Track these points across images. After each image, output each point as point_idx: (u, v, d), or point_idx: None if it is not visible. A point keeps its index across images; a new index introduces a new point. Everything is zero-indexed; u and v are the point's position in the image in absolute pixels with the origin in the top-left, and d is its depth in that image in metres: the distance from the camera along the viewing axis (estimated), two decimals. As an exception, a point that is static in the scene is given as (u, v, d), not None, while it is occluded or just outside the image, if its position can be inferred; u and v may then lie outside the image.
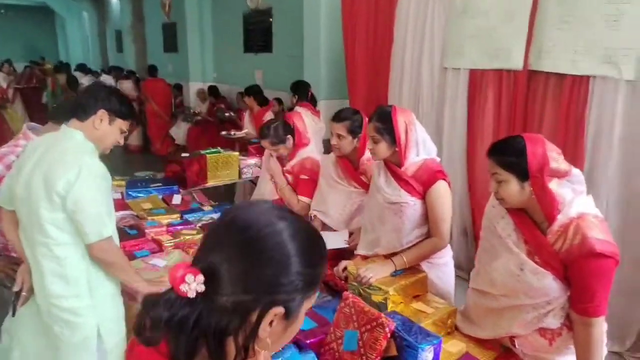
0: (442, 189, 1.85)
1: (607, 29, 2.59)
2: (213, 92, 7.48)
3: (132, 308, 1.89)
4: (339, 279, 1.97)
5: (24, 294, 1.73)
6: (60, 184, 1.53)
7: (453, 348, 1.61)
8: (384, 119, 1.86)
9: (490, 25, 3.24)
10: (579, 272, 1.41)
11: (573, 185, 1.47)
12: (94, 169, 1.60)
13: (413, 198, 1.87)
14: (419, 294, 1.83)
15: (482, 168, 3.44)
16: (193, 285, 0.67)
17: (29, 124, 2.22)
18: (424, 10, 3.76)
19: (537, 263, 1.46)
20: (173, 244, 2.38)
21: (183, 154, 3.82)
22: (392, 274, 1.82)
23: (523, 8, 3.00)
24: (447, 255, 2.01)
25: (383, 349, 1.41)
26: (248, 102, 5.50)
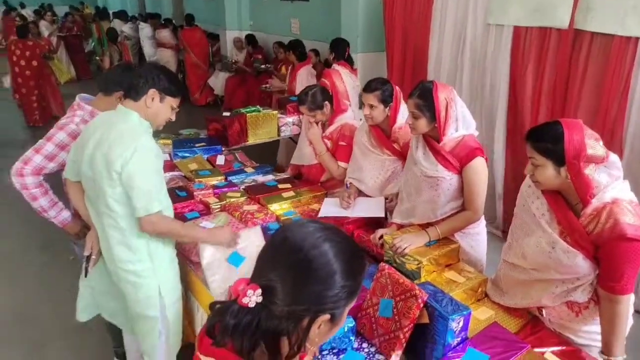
0: (479, 166, 1.90)
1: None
2: (250, 41, 7.44)
3: (185, 268, 2.10)
4: (375, 246, 2.09)
5: (94, 257, 1.96)
6: (117, 163, 1.66)
7: (482, 315, 1.73)
8: (425, 96, 1.89)
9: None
10: (609, 253, 1.46)
11: (609, 170, 1.49)
12: (148, 148, 1.72)
13: (450, 173, 1.93)
14: (451, 263, 1.94)
15: (522, 126, 3.40)
16: (253, 298, 0.82)
17: (81, 95, 2.33)
18: (469, -39, 3.59)
19: (568, 243, 1.52)
20: (220, 207, 2.55)
21: (224, 113, 3.93)
22: (426, 244, 1.92)
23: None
24: (480, 225, 2.09)
25: (416, 318, 1.54)
26: (288, 56, 5.42)
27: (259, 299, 0.82)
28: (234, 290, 0.85)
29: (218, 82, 7.93)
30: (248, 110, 3.90)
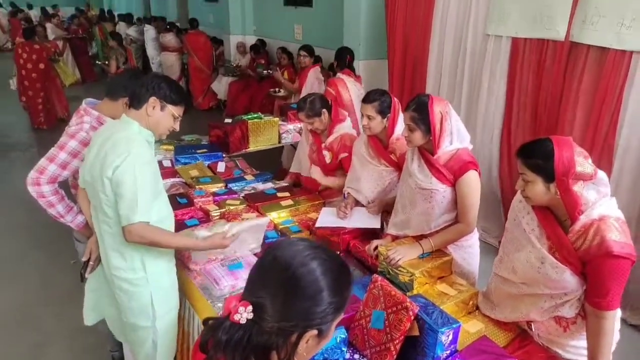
0: (472, 179, 1.93)
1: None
2: (253, 47, 7.50)
3: (182, 275, 2.13)
4: (370, 256, 2.13)
5: (91, 263, 2.00)
6: (109, 170, 1.68)
7: (472, 328, 1.77)
8: (421, 109, 1.93)
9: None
10: (596, 270, 1.49)
11: (598, 187, 1.52)
12: (139, 157, 1.71)
13: (443, 185, 1.96)
14: (444, 275, 1.98)
15: (517, 136, 3.44)
16: (244, 315, 0.85)
17: (87, 100, 2.35)
18: (470, -28, 3.63)
19: (557, 259, 1.56)
20: (219, 214, 2.59)
21: (227, 119, 3.98)
22: (419, 256, 1.96)
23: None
24: (473, 238, 2.12)
25: (406, 330, 1.57)
26: (302, 58, 5.33)
27: (250, 316, 0.86)
28: (226, 308, 0.89)
29: (221, 86, 7.98)
30: (249, 117, 3.95)
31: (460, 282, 1.94)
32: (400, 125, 2.33)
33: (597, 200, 1.50)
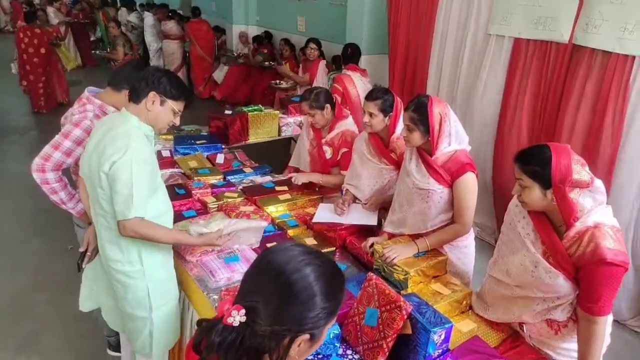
0: (469, 181, 1.95)
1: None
2: (257, 39, 7.46)
3: (179, 267, 2.15)
4: (366, 254, 2.14)
5: (88, 254, 2.01)
6: (106, 165, 1.68)
7: (465, 328, 1.79)
8: (420, 110, 1.93)
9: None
10: (589, 276, 1.51)
11: (594, 195, 1.54)
12: (137, 154, 1.70)
13: (441, 186, 1.97)
14: (439, 274, 1.99)
15: (512, 135, 3.45)
16: (237, 318, 0.87)
17: (89, 88, 2.37)
18: (475, -30, 3.62)
19: (550, 263, 1.57)
20: (217, 206, 2.60)
21: (226, 111, 3.97)
22: (414, 255, 1.97)
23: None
24: (468, 239, 2.13)
25: (399, 328, 1.59)
26: (311, 50, 5.30)
27: (243, 319, 0.87)
28: (220, 310, 0.90)
29: (222, 75, 7.96)
30: (250, 109, 3.95)
31: (455, 281, 1.95)
32: (402, 125, 2.34)
33: (592, 208, 1.52)
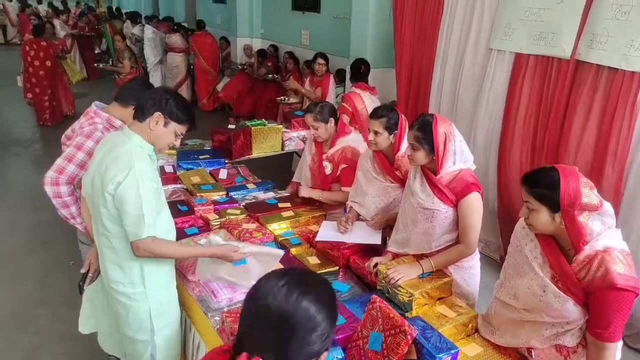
0: (474, 201, 1.92)
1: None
2: (261, 53, 7.49)
3: (181, 286, 2.12)
4: (370, 273, 2.11)
5: (90, 275, 1.98)
6: (110, 186, 1.67)
7: (471, 352, 1.74)
8: (424, 129, 1.91)
9: (543, 8, 3.09)
10: (599, 301, 1.47)
11: (603, 218, 1.50)
12: (141, 173, 1.69)
13: (445, 206, 1.95)
14: (444, 296, 1.95)
15: (514, 152, 3.43)
16: None
17: (96, 103, 2.40)
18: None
19: (559, 288, 1.54)
20: (219, 223, 2.58)
21: (229, 126, 3.97)
22: (419, 276, 1.94)
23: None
24: (474, 259, 2.10)
25: (404, 353, 1.55)
26: (319, 65, 5.23)
27: None
28: None
29: (227, 88, 7.99)
30: (253, 124, 3.95)
31: (460, 304, 1.91)
32: (406, 142, 2.33)
33: (601, 232, 1.48)
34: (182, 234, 2.42)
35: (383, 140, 2.32)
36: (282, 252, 2.10)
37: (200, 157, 3.48)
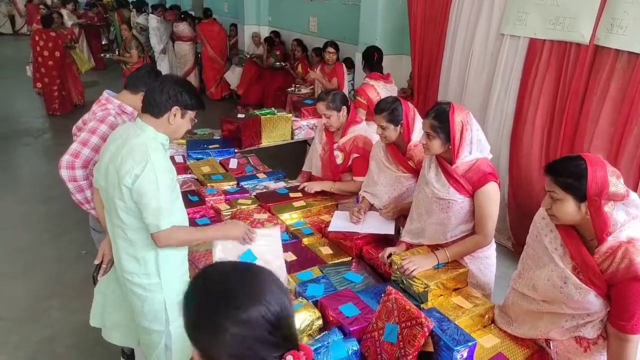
0: (491, 191, 1.88)
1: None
2: (268, 40, 7.41)
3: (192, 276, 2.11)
4: (383, 264, 2.08)
5: (104, 266, 1.98)
6: (127, 178, 1.67)
7: (488, 343, 1.72)
8: (441, 118, 1.87)
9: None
10: (622, 293, 1.44)
11: (627, 208, 1.46)
12: (158, 165, 1.70)
13: (461, 196, 1.91)
14: (459, 287, 1.93)
15: (528, 141, 3.36)
16: None
17: (107, 91, 2.43)
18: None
19: (580, 279, 1.50)
20: (230, 214, 2.56)
21: (239, 115, 3.93)
22: (434, 267, 1.91)
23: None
24: (490, 249, 2.06)
25: (420, 346, 1.53)
26: (330, 54, 5.08)
27: None
28: None
29: (234, 76, 7.94)
30: (262, 113, 3.91)
31: (476, 294, 1.88)
32: (418, 131, 2.29)
33: (625, 222, 1.44)
34: (193, 225, 2.40)
35: (391, 133, 2.31)
36: (277, 227, 2.17)
37: (210, 146, 3.46)
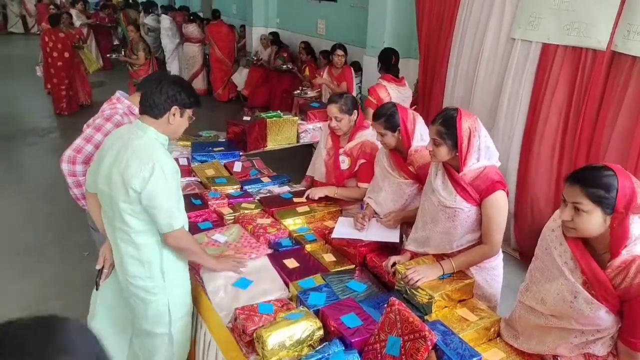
0: (499, 200, 1.83)
1: None
2: (275, 40, 7.39)
3: (194, 282, 2.08)
4: (387, 273, 2.04)
5: (105, 271, 1.96)
6: (135, 181, 1.67)
7: (493, 358, 1.67)
8: (448, 124, 1.82)
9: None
10: (635, 309, 1.38)
11: (642, 222, 1.40)
12: (166, 166, 1.71)
13: (468, 205, 1.86)
14: (465, 298, 1.87)
15: (541, 149, 3.29)
16: None
17: (119, 91, 2.51)
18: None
19: (591, 294, 1.44)
20: (233, 218, 2.53)
21: (245, 117, 3.91)
22: (439, 277, 1.86)
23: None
24: (497, 260, 2.01)
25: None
26: (338, 56, 5.06)
27: None
28: None
29: (241, 78, 7.92)
30: (269, 116, 3.88)
31: (482, 306, 1.83)
32: (421, 137, 2.28)
33: (640, 236, 1.38)
34: (195, 229, 2.37)
35: (390, 139, 2.30)
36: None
37: (215, 149, 3.43)
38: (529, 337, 1.68)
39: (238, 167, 3.19)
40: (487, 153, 1.86)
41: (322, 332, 1.70)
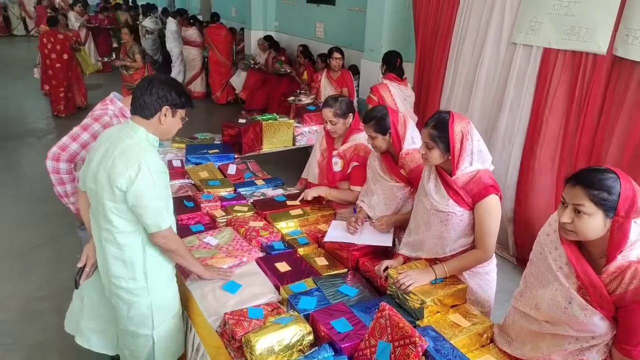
0: (492, 204, 1.80)
1: None
2: (273, 43, 7.38)
3: (182, 285, 2.05)
4: (380, 278, 2.01)
5: (87, 270, 1.93)
6: (121, 180, 1.64)
7: (486, 364, 1.64)
8: (440, 127, 1.80)
9: (573, 1, 2.93)
10: (630, 316, 1.36)
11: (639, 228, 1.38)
12: (153, 166, 1.69)
13: (461, 209, 1.84)
14: (457, 304, 1.85)
15: (540, 153, 3.27)
16: None
17: (114, 93, 2.50)
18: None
19: (586, 300, 1.42)
20: (226, 221, 2.50)
21: (240, 120, 3.89)
22: (431, 282, 1.84)
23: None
24: (490, 264, 1.98)
25: (414, 366, 1.46)
26: (336, 60, 5.06)
27: None
28: None
29: (240, 81, 7.91)
30: (264, 118, 3.87)
31: (474, 312, 1.80)
32: (412, 139, 2.26)
33: (636, 240, 1.36)
34: (187, 231, 2.35)
35: (380, 142, 2.28)
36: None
37: (210, 151, 3.41)
38: (523, 343, 1.65)
39: (232, 169, 3.17)
40: (480, 157, 1.84)
41: (312, 337, 1.67)
